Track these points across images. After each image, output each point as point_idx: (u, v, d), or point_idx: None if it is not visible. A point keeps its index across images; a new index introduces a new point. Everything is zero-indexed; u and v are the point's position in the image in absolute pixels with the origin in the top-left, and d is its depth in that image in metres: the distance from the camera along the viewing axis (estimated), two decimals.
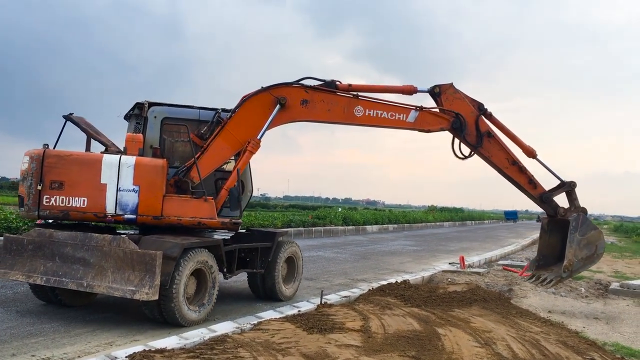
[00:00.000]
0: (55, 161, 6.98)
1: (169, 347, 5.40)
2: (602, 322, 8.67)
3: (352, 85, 8.73)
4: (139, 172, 7.05)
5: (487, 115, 9.19)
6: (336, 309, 7.72)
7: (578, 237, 8.95)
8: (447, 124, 8.96)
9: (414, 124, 8.86)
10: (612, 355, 6.60)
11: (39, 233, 7.07)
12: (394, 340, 6.24)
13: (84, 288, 6.64)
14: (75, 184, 6.99)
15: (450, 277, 12.11)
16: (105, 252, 6.65)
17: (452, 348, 6.11)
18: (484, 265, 15.80)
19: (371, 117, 8.67)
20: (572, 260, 8.88)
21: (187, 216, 7.32)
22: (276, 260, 8.88)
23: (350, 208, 56.49)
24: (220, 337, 5.84)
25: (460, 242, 26.39)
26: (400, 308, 8.11)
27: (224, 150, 7.93)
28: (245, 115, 8.02)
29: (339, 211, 36.16)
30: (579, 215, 9.10)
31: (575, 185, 9.41)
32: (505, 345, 6.40)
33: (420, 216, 48.78)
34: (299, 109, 8.30)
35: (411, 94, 9.06)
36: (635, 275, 15.46)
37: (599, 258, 9.36)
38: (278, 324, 6.64)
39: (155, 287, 6.35)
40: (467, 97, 9.15)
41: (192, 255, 6.94)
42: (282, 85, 8.25)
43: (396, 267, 14.58)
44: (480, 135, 9.01)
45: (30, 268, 6.92)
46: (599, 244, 9.24)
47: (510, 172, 9.23)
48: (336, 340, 6.08)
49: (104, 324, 6.91)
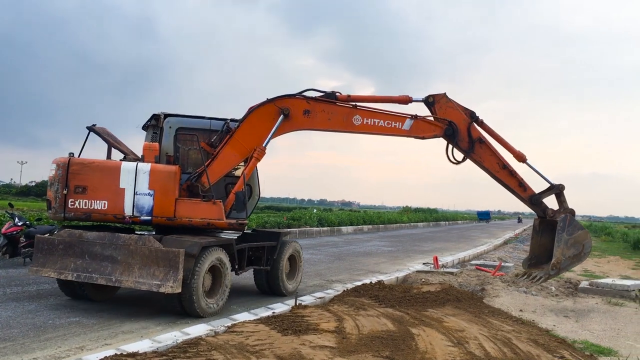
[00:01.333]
0: (79, 168, 7.74)
1: (141, 351, 5.34)
2: (572, 320, 8.83)
3: (351, 95, 9.30)
4: (153, 178, 7.74)
5: (478, 122, 9.68)
6: (311, 310, 7.72)
7: (565, 237, 9.49)
8: (440, 131, 9.47)
9: (410, 132, 9.35)
10: (582, 352, 6.72)
11: (69, 234, 7.74)
12: (368, 341, 6.27)
13: (113, 283, 7.33)
14: (96, 189, 7.74)
15: (424, 277, 12.21)
16: (131, 250, 7.35)
17: (426, 348, 6.16)
18: (457, 265, 15.97)
19: (369, 126, 9.19)
20: (559, 258, 9.47)
21: (197, 217, 7.94)
22: (280, 258, 9.62)
23: (325, 209, 56.57)
24: (194, 340, 5.80)
25: (434, 243, 26.61)
26: (375, 309, 8.15)
27: (232, 157, 8.56)
28: (252, 125, 8.61)
29: (314, 212, 36.19)
30: (566, 216, 9.60)
31: (563, 187, 9.90)
32: (477, 344, 6.47)
33: (395, 217, 49.09)
34: (302, 118, 8.87)
35: (407, 103, 9.55)
36: (604, 274, 15.79)
37: (585, 256, 9.95)
38: (252, 326, 6.61)
39: (179, 282, 7.07)
40: (459, 106, 9.64)
41: (209, 253, 7.65)
42: (286, 97, 8.84)
43: (371, 267, 14.64)
44: (472, 141, 9.54)
45: (61, 265, 7.56)
46: (586, 243, 9.80)
47: (501, 175, 9.73)
48: (310, 341, 6.08)
49: (74, 328, 6.79)
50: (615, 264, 20.13)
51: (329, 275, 12.51)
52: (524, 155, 9.91)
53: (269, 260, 9.55)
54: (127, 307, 8.07)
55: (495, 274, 12.83)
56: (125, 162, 7.98)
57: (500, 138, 9.90)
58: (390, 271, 13.61)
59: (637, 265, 20.12)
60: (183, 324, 7.16)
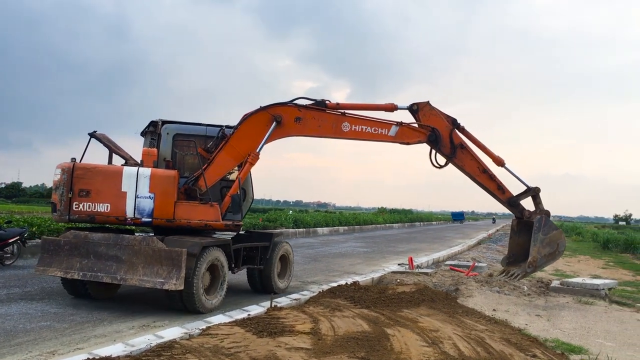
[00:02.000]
0: (83, 173, 8.09)
1: (114, 355, 5.27)
2: (543, 319, 8.96)
3: (340, 103, 9.81)
4: (154, 182, 8.11)
5: (460, 129, 10.31)
6: (286, 311, 7.71)
7: (541, 237, 10.26)
8: (424, 138, 10.12)
9: (395, 138, 9.93)
10: (553, 351, 6.83)
11: (75, 235, 8.13)
12: (344, 342, 6.28)
13: (118, 281, 7.77)
14: (99, 192, 8.09)
15: (399, 277, 12.28)
16: (136, 250, 7.76)
17: (401, 348, 6.20)
18: (432, 265, 16.11)
19: (357, 132, 9.72)
20: (536, 256, 10.28)
21: (195, 219, 8.31)
22: (272, 257, 10.08)
23: (301, 210, 56.57)
24: (168, 344, 5.74)
25: (409, 243, 26.78)
26: (350, 309, 8.17)
27: (227, 162, 8.95)
28: (246, 131, 9.01)
29: (290, 214, 36.18)
30: (542, 217, 10.35)
31: (539, 190, 10.59)
32: (451, 344, 6.53)
33: (371, 218, 49.25)
34: (293, 125, 9.32)
35: (392, 111, 10.15)
36: (574, 274, 16.10)
37: (560, 254, 10.78)
38: (227, 328, 6.58)
39: (182, 279, 7.50)
40: (442, 114, 10.26)
41: (208, 253, 8.08)
42: (278, 105, 9.27)
43: (346, 268, 14.67)
44: (453, 147, 10.21)
45: (67, 265, 7.95)
46: (560, 242, 10.60)
47: (481, 179, 10.45)
48: (286, 343, 6.07)
49: (45, 332, 6.67)
50: (586, 264, 20.55)
51: (305, 277, 12.51)
52: (502, 160, 10.56)
53: (262, 260, 9.99)
54: (99, 311, 7.96)
55: (469, 274, 12.97)
56: (127, 167, 8.33)
57: (480, 143, 10.50)
58: (366, 272, 13.66)
59: (607, 265, 20.56)
60: (157, 327, 7.09)
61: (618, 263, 21.85)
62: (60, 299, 8.67)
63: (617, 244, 30.61)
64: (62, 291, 9.28)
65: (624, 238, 31.22)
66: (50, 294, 9.04)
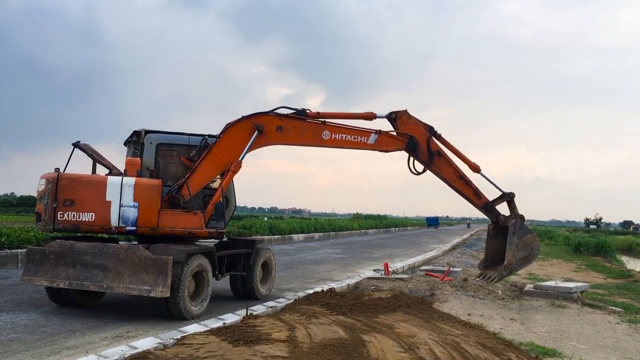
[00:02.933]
0: (67, 183, 8.16)
1: None
2: (517, 323, 9.06)
3: (320, 112, 9.98)
4: (138, 191, 8.24)
5: (437, 136, 10.54)
6: (262, 319, 7.66)
7: (516, 240, 10.50)
8: (402, 145, 10.33)
9: (374, 145, 10.08)
10: (527, 354, 6.90)
11: (60, 244, 8.20)
12: (320, 349, 6.25)
13: (105, 289, 7.89)
14: (84, 202, 8.17)
15: (375, 283, 12.29)
16: (122, 258, 7.89)
17: (377, 354, 6.19)
18: (408, 271, 16.17)
19: (337, 140, 9.89)
20: (511, 260, 10.50)
21: (179, 227, 8.49)
22: (255, 264, 10.24)
23: (276, 217, 56.40)
24: (141, 354, 5.65)
25: (384, 249, 26.86)
26: (326, 316, 8.15)
27: (210, 171, 9.10)
28: (229, 140, 9.17)
29: (265, 220, 35.99)
30: (516, 222, 10.65)
31: (514, 195, 10.90)
32: (427, 349, 6.55)
33: (346, 224, 49.30)
34: (275, 134, 9.48)
35: (371, 119, 10.36)
36: (547, 277, 16.33)
37: (534, 258, 11.06)
38: (202, 337, 6.50)
39: (168, 286, 7.64)
40: (419, 122, 10.48)
41: (193, 260, 8.22)
42: (260, 114, 9.44)
43: (322, 275, 14.65)
44: (431, 154, 10.40)
45: (53, 274, 8.03)
46: (534, 246, 10.86)
47: (458, 185, 10.69)
48: (262, 351, 6.02)
49: (15, 344, 6.51)
50: (558, 267, 20.85)
51: (281, 284, 12.45)
52: (478, 166, 10.90)
53: (245, 267, 10.15)
54: (72, 322, 7.80)
55: (444, 279, 13.05)
56: (111, 177, 8.45)
57: (457, 150, 10.79)
58: (342, 278, 13.66)
59: (579, 268, 20.90)
60: (130, 337, 6.98)
61: (590, 266, 22.23)
62: (31, 310, 8.48)
63: (589, 248, 31.18)
64: (33, 302, 9.10)
65: (595, 241, 31.83)
66: (20, 305, 8.84)
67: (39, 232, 14.68)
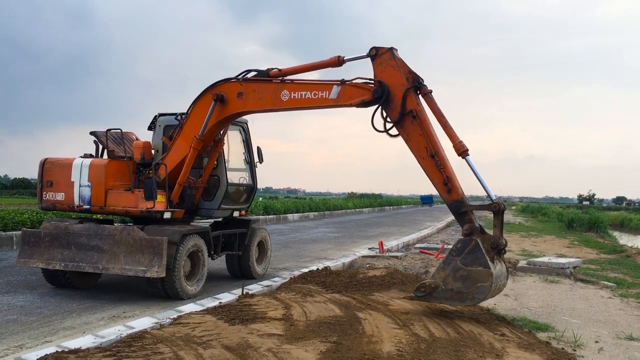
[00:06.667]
0: (49, 166, 8.83)
1: (83, 347, 5.20)
2: (511, 299, 9.16)
3: (282, 69, 8.62)
4: (91, 172, 8.56)
5: (423, 92, 7.70)
6: (258, 298, 7.71)
7: (458, 264, 6.97)
8: (369, 96, 7.79)
9: (337, 100, 8.06)
10: (521, 329, 6.98)
11: (55, 226, 8.51)
12: (316, 327, 6.31)
13: (100, 270, 8.08)
14: (58, 183, 8.75)
15: (370, 262, 12.37)
16: (117, 239, 8.03)
17: (372, 331, 6.26)
18: (402, 249, 16.26)
19: (296, 100, 8.31)
20: (437, 283, 7.10)
21: (119, 206, 8.53)
22: (250, 243, 10.34)
23: (271, 197, 56.42)
24: (139, 334, 5.69)
25: (379, 228, 26.99)
26: (322, 295, 8.21)
27: (182, 148, 8.85)
28: (196, 115, 8.81)
29: (260, 201, 36.02)
30: (472, 240, 6.98)
31: (504, 208, 7.36)
32: (422, 326, 6.62)
33: (341, 203, 49.40)
34: (236, 102, 8.63)
35: (340, 65, 8.42)
36: (540, 253, 16.45)
37: (472, 302, 7.09)
38: (199, 317, 6.55)
39: (163, 267, 7.76)
40: (404, 67, 7.72)
41: (188, 240, 8.34)
42: (222, 82, 8.71)
43: (317, 254, 14.72)
44: (403, 112, 7.58)
45: (48, 256, 8.28)
46: (481, 287, 6.80)
47: (425, 165, 7.52)
48: (258, 330, 6.07)
49: (12, 326, 6.54)
50: (551, 243, 20.99)
51: (276, 263, 12.51)
52: (465, 148, 7.44)
53: (241, 246, 10.24)
54: (68, 303, 7.84)
55: (438, 257, 13.15)
56: (77, 159, 8.81)
57: (444, 120, 7.62)
58: (337, 257, 13.73)
59: (572, 244, 21.06)
60: (127, 317, 7.02)
61: (582, 242, 22.40)
62: (28, 292, 8.50)
63: (582, 224, 31.40)
64: (29, 284, 9.11)
65: (588, 217, 32.05)
66: (16, 287, 8.87)
67: (33, 214, 14.97)
